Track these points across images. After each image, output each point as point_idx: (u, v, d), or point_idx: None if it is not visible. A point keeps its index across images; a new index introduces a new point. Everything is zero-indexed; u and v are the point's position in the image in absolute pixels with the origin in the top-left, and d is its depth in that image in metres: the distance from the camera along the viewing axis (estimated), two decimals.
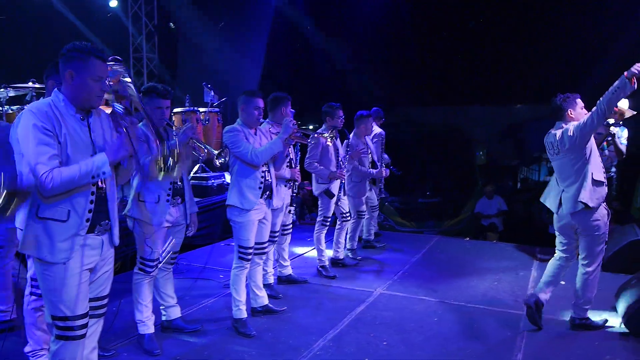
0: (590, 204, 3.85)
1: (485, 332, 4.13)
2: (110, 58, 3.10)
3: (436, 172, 12.30)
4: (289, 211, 5.00)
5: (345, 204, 5.74)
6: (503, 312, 4.55)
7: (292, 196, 4.95)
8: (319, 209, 5.61)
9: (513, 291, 5.09)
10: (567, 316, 4.30)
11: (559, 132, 3.98)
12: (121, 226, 3.69)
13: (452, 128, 12.84)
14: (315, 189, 5.53)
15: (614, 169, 6.05)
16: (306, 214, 8.86)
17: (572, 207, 3.92)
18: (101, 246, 2.63)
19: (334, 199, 5.50)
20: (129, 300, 3.88)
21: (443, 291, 5.07)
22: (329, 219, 5.62)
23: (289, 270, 5.32)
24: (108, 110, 2.79)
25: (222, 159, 3.73)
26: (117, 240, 2.71)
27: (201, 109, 7.48)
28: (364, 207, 6.04)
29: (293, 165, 4.93)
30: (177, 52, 9.62)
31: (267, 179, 4.10)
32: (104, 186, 2.60)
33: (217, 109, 7.63)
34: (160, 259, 3.72)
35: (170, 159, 2.98)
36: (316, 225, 5.61)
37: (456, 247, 6.95)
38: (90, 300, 2.64)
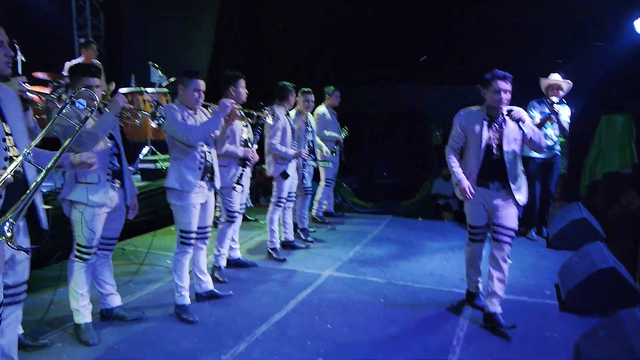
0: None
1: (430, 311, 4.16)
2: None
3: (394, 153, 12.31)
4: (233, 188, 4.82)
5: (295, 184, 5.68)
6: (449, 291, 4.60)
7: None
8: (274, 190, 5.53)
9: (460, 270, 5.07)
10: (513, 295, 4.39)
11: None
12: (57, 212, 3.59)
13: (410, 108, 12.82)
14: (275, 170, 5.44)
15: (558, 147, 6.13)
16: (261, 196, 8.76)
17: None
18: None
19: (289, 180, 5.45)
20: (66, 290, 3.73)
21: (391, 272, 5.09)
22: (283, 200, 5.56)
23: (237, 254, 5.24)
24: None
25: (158, 120, 3.57)
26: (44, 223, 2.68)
27: (149, 90, 7.24)
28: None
29: (250, 146, 4.81)
30: (123, 30, 9.23)
31: (207, 159, 3.98)
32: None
33: (165, 90, 7.40)
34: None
35: None
36: (270, 206, 5.54)
37: (408, 227, 6.99)
38: (7, 287, 2.54)
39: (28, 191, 2.25)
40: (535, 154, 5.94)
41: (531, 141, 3.79)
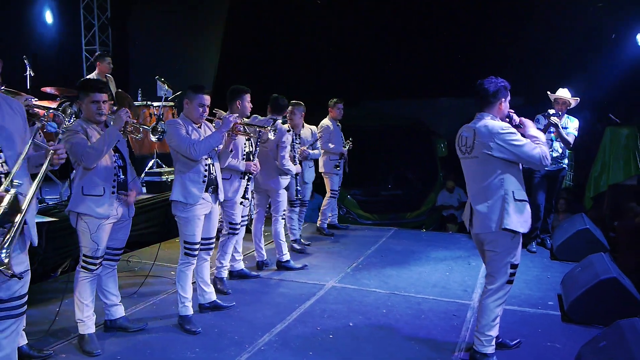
0: None
1: (432, 322, 4.17)
2: None
3: (399, 165, 12.35)
4: (241, 203, 4.89)
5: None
6: (451, 302, 4.61)
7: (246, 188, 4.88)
8: (278, 203, 5.51)
9: (463, 281, 5.15)
10: (516, 306, 4.39)
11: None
12: (65, 224, 3.66)
13: (415, 121, 12.91)
14: (279, 184, 5.46)
15: (566, 161, 6.15)
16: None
17: None
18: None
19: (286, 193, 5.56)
20: (72, 301, 3.77)
21: (394, 283, 5.10)
22: (285, 212, 5.64)
23: (241, 265, 5.26)
24: None
25: (158, 135, 3.63)
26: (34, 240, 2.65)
27: (155, 103, 7.34)
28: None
29: (252, 159, 4.87)
30: (130, 45, 9.40)
31: (211, 172, 4.04)
32: None
33: (171, 104, 7.49)
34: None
35: None
36: (273, 220, 5.57)
37: (412, 238, 7.00)
38: (3, 301, 2.55)
39: (20, 215, 2.30)
40: None
41: None
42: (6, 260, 2.20)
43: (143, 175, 6.97)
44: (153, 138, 3.59)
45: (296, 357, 3.57)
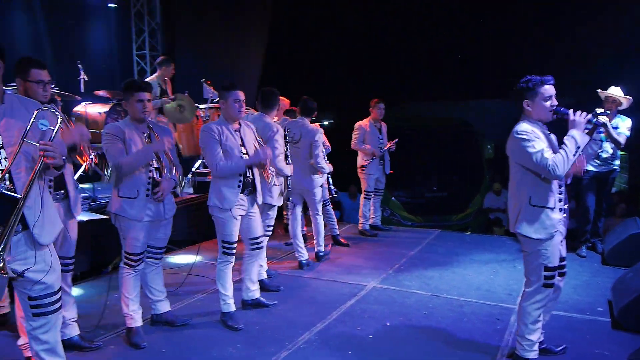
0: None
1: (474, 325, 4.10)
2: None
3: (443, 167, 12.20)
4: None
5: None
6: (495, 305, 4.51)
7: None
8: (314, 199, 5.68)
9: (508, 284, 5.04)
10: (563, 311, 4.27)
11: None
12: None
13: (461, 122, 12.74)
14: (315, 184, 5.64)
15: (617, 162, 5.92)
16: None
17: None
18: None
19: None
20: (119, 296, 3.91)
21: (436, 285, 5.04)
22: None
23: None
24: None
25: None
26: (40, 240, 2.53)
27: (201, 106, 7.53)
28: None
29: (290, 161, 5.01)
30: (175, 48, 9.68)
31: (247, 176, 4.07)
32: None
33: (217, 106, 7.65)
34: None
35: None
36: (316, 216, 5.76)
37: (456, 241, 6.89)
38: (33, 299, 2.58)
39: (11, 218, 2.29)
40: (590, 167, 5.76)
41: None
42: (0, 265, 2.21)
43: (190, 175, 7.16)
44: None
45: (335, 356, 3.58)
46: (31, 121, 2.41)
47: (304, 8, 10.54)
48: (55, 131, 2.49)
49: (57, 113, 2.54)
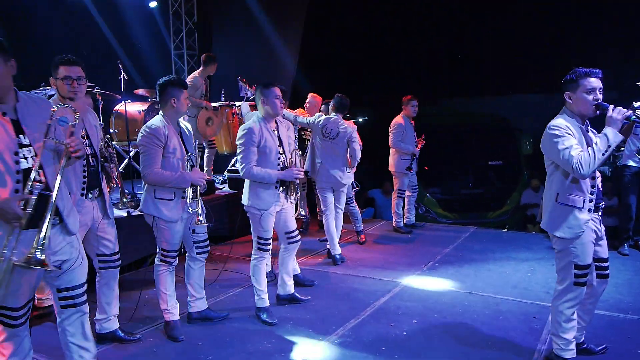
0: None
1: (511, 324, 4.04)
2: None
3: (480, 163, 12.00)
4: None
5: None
6: (532, 304, 4.43)
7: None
8: (342, 193, 5.90)
9: (546, 282, 4.93)
10: (604, 310, 4.16)
11: None
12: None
13: (497, 118, 12.51)
14: (348, 179, 5.88)
15: None
16: None
17: None
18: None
19: None
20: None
21: (472, 282, 4.98)
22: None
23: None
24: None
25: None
26: (72, 229, 2.67)
27: (237, 103, 7.62)
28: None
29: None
30: (212, 47, 9.81)
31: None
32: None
33: (253, 103, 7.72)
34: None
35: None
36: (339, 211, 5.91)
37: (492, 238, 6.79)
38: (62, 290, 2.70)
39: (47, 213, 2.37)
40: (631, 162, 5.60)
41: None
42: (42, 257, 2.29)
43: (225, 172, 7.26)
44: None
45: (369, 352, 3.59)
46: (52, 119, 2.53)
47: (338, 7, 10.53)
48: (74, 125, 2.62)
49: (72, 109, 2.67)
